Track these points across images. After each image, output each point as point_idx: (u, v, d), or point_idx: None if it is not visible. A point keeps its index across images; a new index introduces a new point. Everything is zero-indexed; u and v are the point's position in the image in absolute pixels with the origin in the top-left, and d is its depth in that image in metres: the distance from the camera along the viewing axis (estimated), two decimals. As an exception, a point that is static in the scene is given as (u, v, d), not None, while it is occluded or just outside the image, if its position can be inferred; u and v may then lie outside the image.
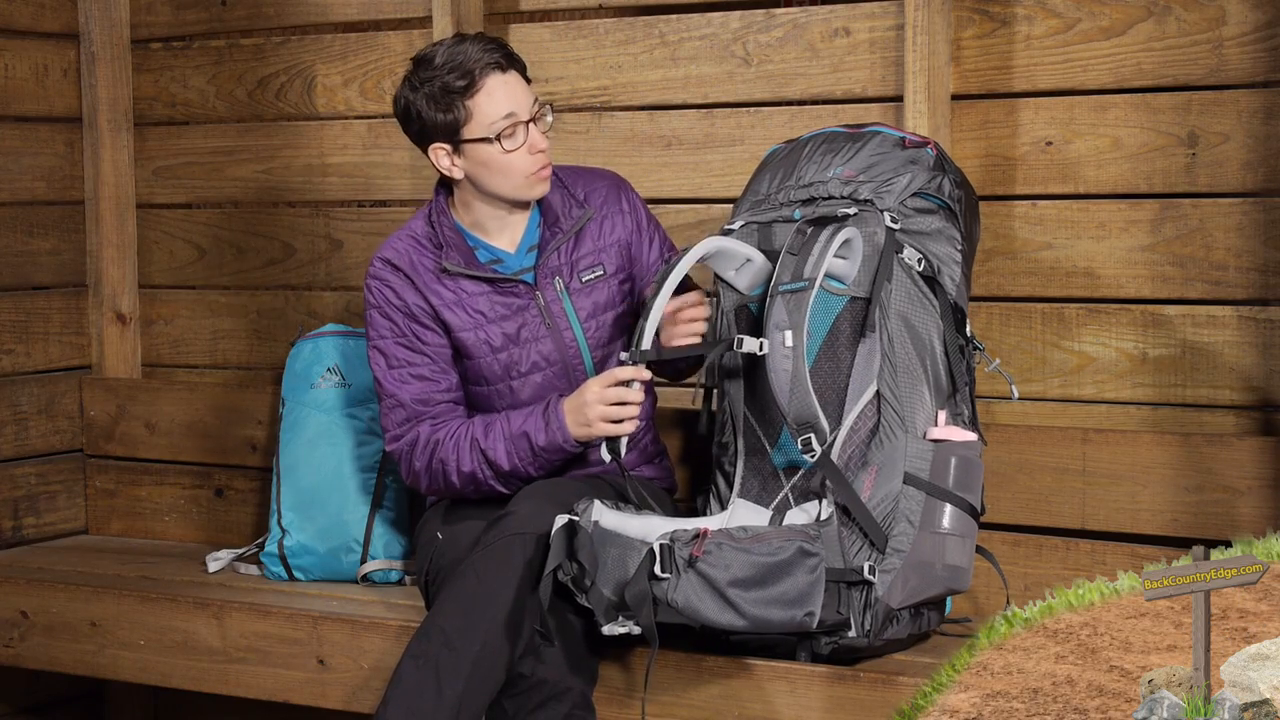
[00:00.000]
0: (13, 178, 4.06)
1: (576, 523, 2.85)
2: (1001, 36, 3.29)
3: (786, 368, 2.84)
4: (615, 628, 2.79)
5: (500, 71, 3.08)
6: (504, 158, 3.11)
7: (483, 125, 3.09)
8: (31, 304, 4.13)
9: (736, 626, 2.73)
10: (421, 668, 2.82)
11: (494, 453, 3.09)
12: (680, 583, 2.71)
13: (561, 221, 3.20)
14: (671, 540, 2.73)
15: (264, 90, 4.05)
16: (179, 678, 3.47)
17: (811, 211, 3.01)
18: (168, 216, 4.21)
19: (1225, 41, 3.12)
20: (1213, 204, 3.16)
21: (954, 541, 2.91)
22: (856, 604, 2.81)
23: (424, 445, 3.15)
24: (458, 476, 3.12)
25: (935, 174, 3.02)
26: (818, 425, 2.81)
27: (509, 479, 3.11)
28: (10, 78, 4.05)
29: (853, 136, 3.10)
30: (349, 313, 3.96)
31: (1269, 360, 3.12)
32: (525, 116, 3.10)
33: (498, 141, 3.09)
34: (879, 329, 2.91)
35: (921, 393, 2.93)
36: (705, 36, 3.56)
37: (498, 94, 3.08)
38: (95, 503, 4.22)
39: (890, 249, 2.94)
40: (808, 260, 2.89)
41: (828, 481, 2.83)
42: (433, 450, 3.14)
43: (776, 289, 2.89)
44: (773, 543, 2.73)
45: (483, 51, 3.08)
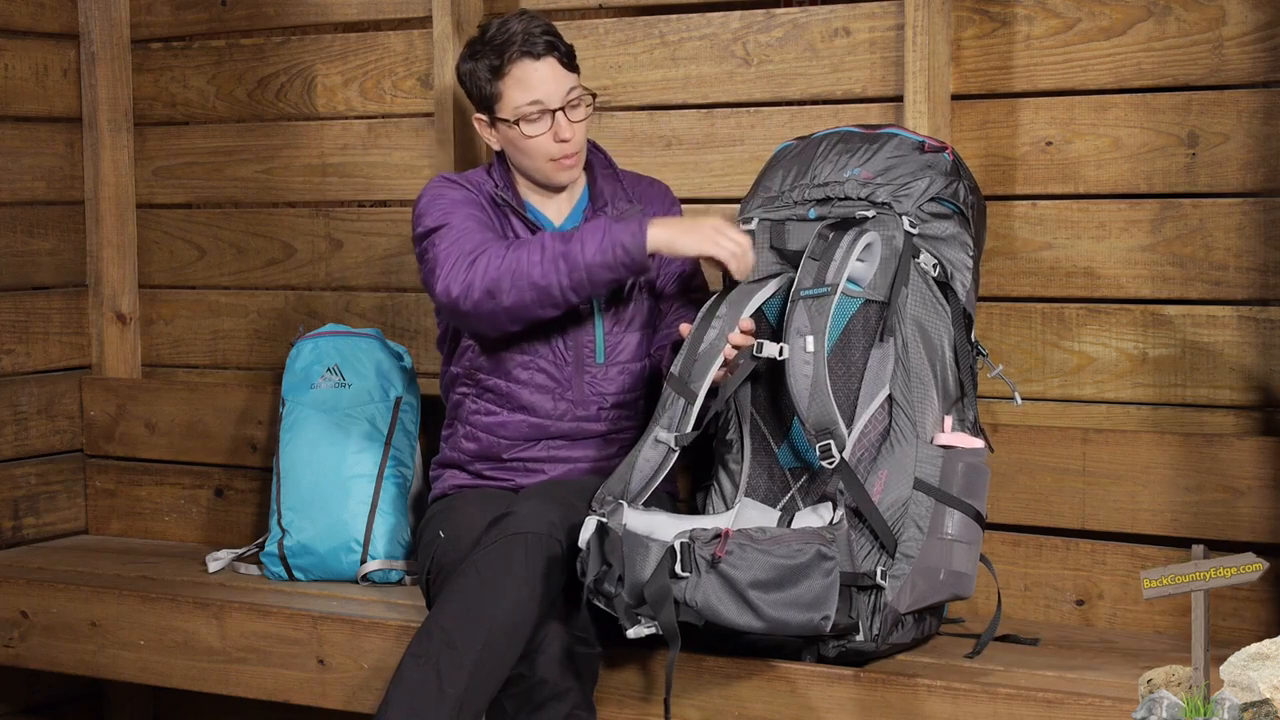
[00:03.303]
0: (13, 178, 4.06)
1: (607, 524, 2.82)
2: (1001, 36, 3.30)
3: (807, 373, 2.83)
4: (640, 630, 2.75)
5: (531, 59, 3.16)
6: (527, 141, 3.18)
7: (509, 107, 3.18)
8: (31, 304, 4.13)
9: (754, 628, 2.73)
10: (423, 667, 2.82)
11: (579, 237, 3.05)
12: (701, 583, 2.70)
13: (608, 208, 3.25)
14: (691, 539, 2.73)
15: (264, 90, 4.05)
16: (179, 678, 3.47)
17: (828, 211, 3.01)
18: (168, 216, 4.21)
19: (1225, 41, 3.12)
20: (1213, 204, 3.16)
21: (960, 548, 2.91)
22: (865, 608, 2.81)
23: (502, 246, 3.10)
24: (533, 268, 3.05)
25: (952, 179, 3.02)
26: (836, 432, 2.80)
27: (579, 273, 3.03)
28: (10, 78, 4.05)
29: (869, 137, 3.09)
30: (349, 313, 3.96)
31: (1269, 360, 3.12)
32: (553, 104, 3.16)
33: (518, 125, 3.16)
34: (895, 333, 2.91)
35: (931, 398, 2.93)
36: (705, 36, 3.56)
37: (526, 79, 3.16)
38: (95, 503, 4.22)
39: (908, 253, 2.94)
40: (830, 265, 2.89)
41: (843, 486, 2.82)
42: (507, 250, 3.09)
43: (798, 294, 2.89)
44: (792, 545, 2.72)
45: (524, 35, 3.16)
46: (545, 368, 3.23)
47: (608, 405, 3.25)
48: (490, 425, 3.27)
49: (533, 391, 3.24)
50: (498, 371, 3.25)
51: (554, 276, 3.03)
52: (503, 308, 3.08)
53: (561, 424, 3.24)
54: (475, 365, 3.27)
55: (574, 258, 3.03)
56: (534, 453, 3.26)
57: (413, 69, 3.85)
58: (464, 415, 3.31)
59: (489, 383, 3.26)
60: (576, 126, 3.20)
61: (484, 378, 3.27)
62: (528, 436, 3.25)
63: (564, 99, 3.18)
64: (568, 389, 3.23)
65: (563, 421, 3.24)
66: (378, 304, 3.94)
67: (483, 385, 3.27)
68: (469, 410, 3.30)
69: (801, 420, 2.83)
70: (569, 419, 3.24)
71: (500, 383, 3.25)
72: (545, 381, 3.23)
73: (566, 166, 3.21)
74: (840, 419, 2.81)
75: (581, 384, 3.23)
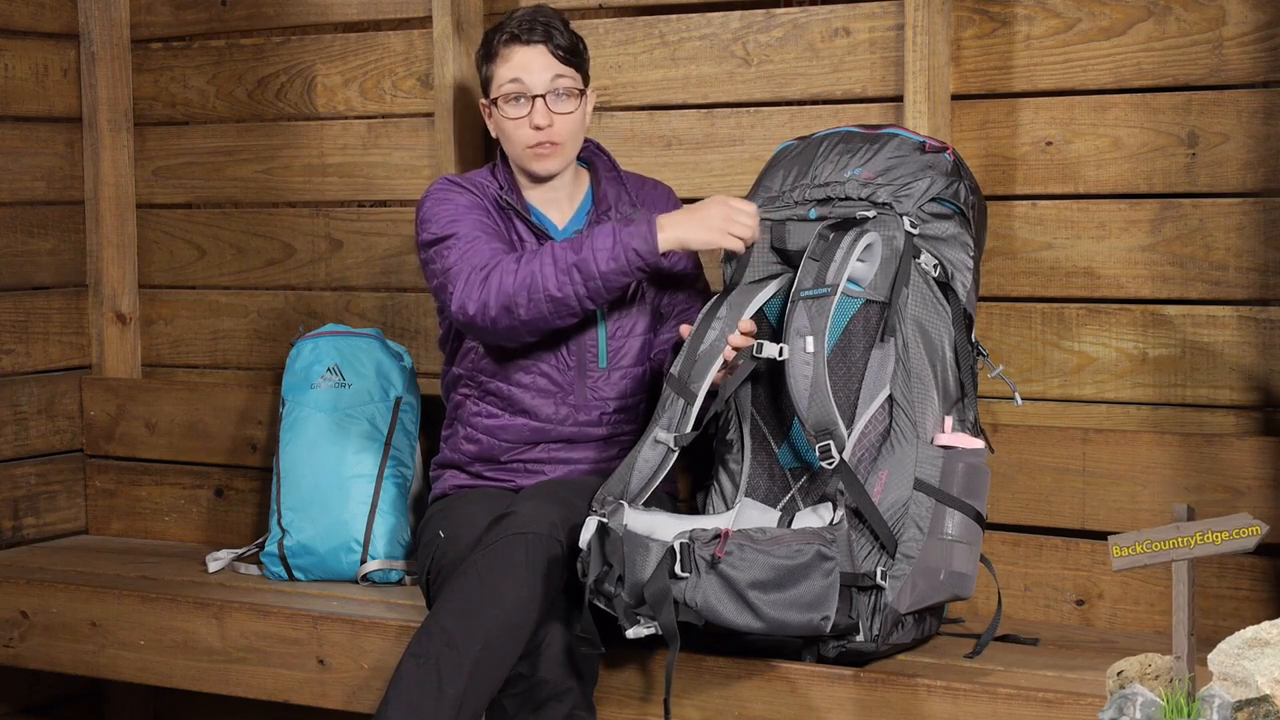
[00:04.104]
0: (13, 178, 4.06)
1: (608, 525, 2.82)
2: (1001, 36, 3.29)
3: (807, 374, 2.83)
4: (640, 630, 2.75)
5: (521, 43, 3.18)
6: (506, 123, 3.20)
7: (496, 87, 3.20)
8: (31, 304, 4.13)
9: (754, 629, 2.73)
10: (422, 666, 2.82)
11: (590, 245, 3.04)
12: (700, 583, 2.70)
13: (611, 212, 3.25)
14: (691, 539, 2.72)
15: (264, 90, 4.05)
16: (179, 678, 3.47)
17: (829, 211, 3.01)
18: (168, 216, 4.21)
19: (1225, 41, 3.12)
20: (1213, 204, 3.16)
21: (961, 549, 2.91)
22: (865, 609, 2.80)
23: (513, 260, 3.08)
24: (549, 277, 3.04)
25: (953, 180, 3.02)
26: (836, 433, 2.80)
27: (594, 281, 3.02)
28: (10, 78, 4.05)
29: (870, 138, 3.09)
30: (349, 313, 3.96)
31: (1269, 360, 3.12)
32: (534, 89, 3.17)
33: (498, 105, 3.19)
34: (896, 334, 2.91)
35: (932, 398, 2.92)
36: (705, 36, 3.56)
37: (510, 60, 3.18)
38: (95, 503, 4.22)
39: (909, 254, 2.94)
40: (830, 266, 2.88)
41: (843, 486, 2.82)
42: (521, 262, 3.08)
43: (799, 294, 2.88)
44: (792, 545, 2.72)
45: (522, 21, 3.19)
46: (548, 372, 3.22)
47: (609, 410, 3.24)
48: (491, 428, 3.27)
49: (534, 395, 3.23)
50: (500, 375, 3.25)
51: (570, 288, 3.03)
52: (520, 321, 3.07)
53: (563, 428, 3.24)
54: (478, 368, 3.27)
55: (588, 267, 3.02)
56: (534, 454, 3.26)
57: (413, 69, 3.85)
58: (465, 417, 3.31)
59: (491, 386, 3.26)
60: (557, 117, 3.18)
61: (486, 380, 3.27)
62: (528, 440, 3.25)
63: (547, 86, 3.17)
64: (570, 394, 3.23)
65: (564, 425, 3.24)
66: (378, 304, 3.93)
67: (485, 388, 3.27)
68: (470, 412, 3.29)
69: (801, 421, 2.83)
70: (570, 423, 3.24)
71: (502, 386, 3.25)
72: (547, 386, 3.23)
73: (541, 155, 3.19)
74: (840, 420, 2.81)
75: (584, 388, 3.23)
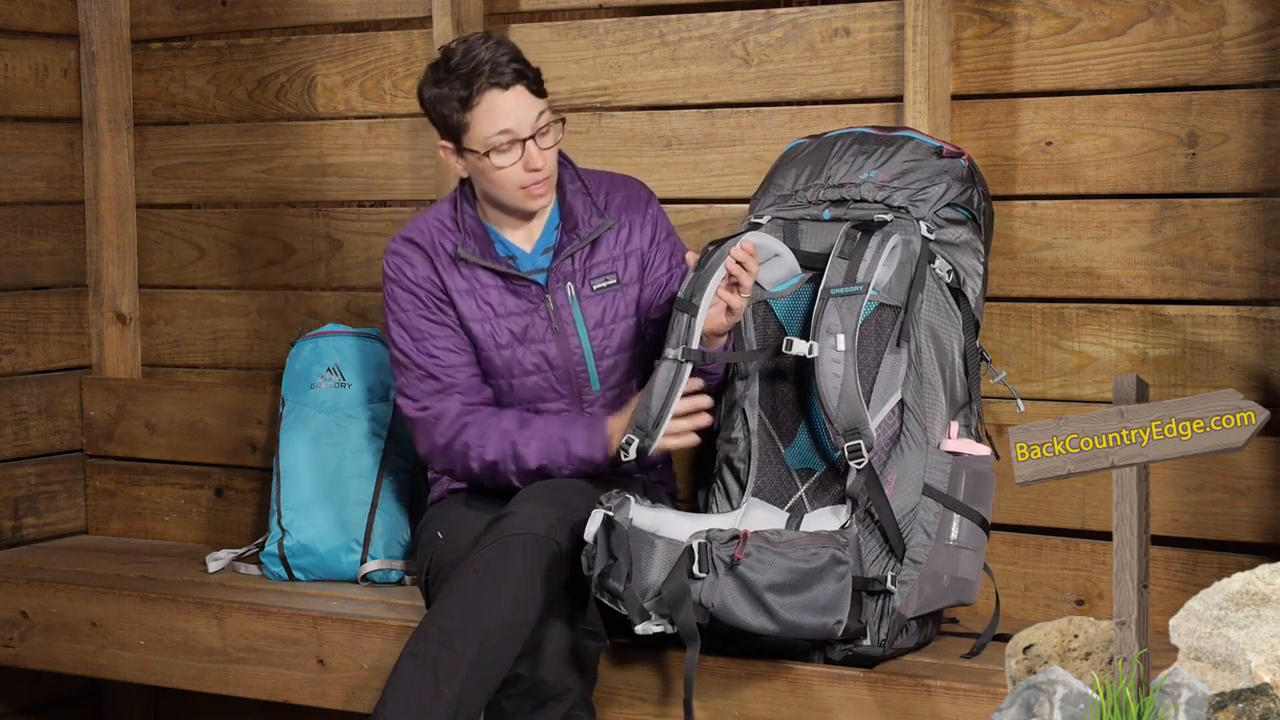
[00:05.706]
0: (13, 178, 4.06)
1: (613, 519, 2.82)
2: (1001, 36, 3.29)
3: (837, 373, 2.82)
4: (650, 626, 2.75)
5: (500, 89, 3.07)
6: (497, 173, 3.11)
7: (478, 139, 3.09)
8: (31, 304, 4.12)
9: (769, 631, 2.72)
10: (419, 666, 2.82)
11: (526, 448, 3.08)
12: (718, 584, 2.70)
13: (580, 228, 3.19)
14: (709, 539, 2.72)
15: (264, 90, 4.05)
16: (179, 678, 3.47)
17: (843, 212, 3.00)
18: (168, 216, 4.21)
19: (1225, 41, 3.12)
20: (1213, 204, 3.16)
21: (966, 554, 2.91)
22: (873, 613, 2.80)
23: (451, 421, 3.13)
24: (478, 463, 3.11)
25: (967, 185, 3.02)
26: (865, 433, 2.79)
27: (530, 476, 3.09)
28: (10, 78, 4.05)
29: (885, 139, 3.09)
30: (349, 313, 3.96)
31: (1269, 360, 3.12)
32: (523, 134, 3.08)
33: (489, 156, 3.09)
34: (911, 339, 2.90)
35: (941, 403, 2.92)
36: (705, 36, 3.55)
37: (495, 110, 3.07)
38: (95, 503, 4.22)
39: (924, 259, 2.93)
40: (860, 265, 2.87)
41: (865, 489, 2.81)
42: (459, 430, 3.13)
43: (829, 291, 2.87)
44: (807, 548, 2.72)
45: (491, 64, 3.06)
46: (544, 408, 3.20)
47: None
48: None
49: None
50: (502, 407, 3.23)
51: (504, 466, 3.13)
52: (468, 474, 3.18)
53: None
54: None
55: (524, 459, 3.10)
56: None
57: (413, 69, 3.85)
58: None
59: None
60: (547, 154, 3.12)
61: None
62: None
63: (534, 127, 3.09)
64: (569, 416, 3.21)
65: None
66: (378, 304, 3.93)
67: None
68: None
69: (829, 420, 2.82)
70: None
71: None
72: (548, 410, 3.21)
73: (537, 195, 3.14)
74: (870, 420, 2.80)
75: (581, 410, 3.21)
